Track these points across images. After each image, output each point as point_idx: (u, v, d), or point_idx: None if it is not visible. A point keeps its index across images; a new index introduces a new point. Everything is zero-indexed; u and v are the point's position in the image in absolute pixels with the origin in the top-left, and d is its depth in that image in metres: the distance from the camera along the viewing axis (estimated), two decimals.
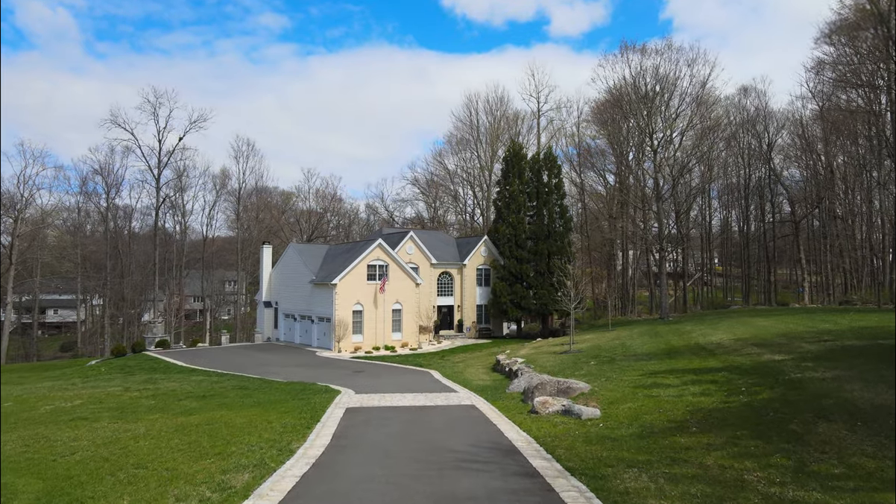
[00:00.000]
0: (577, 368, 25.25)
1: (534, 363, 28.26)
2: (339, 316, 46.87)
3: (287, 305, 54.77)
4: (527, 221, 61.34)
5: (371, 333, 48.58)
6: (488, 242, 61.02)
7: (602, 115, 65.71)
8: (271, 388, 27.19)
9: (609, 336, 39.32)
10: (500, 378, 28.45)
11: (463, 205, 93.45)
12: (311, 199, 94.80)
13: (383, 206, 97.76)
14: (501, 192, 62.22)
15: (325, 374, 35.14)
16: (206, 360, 42.30)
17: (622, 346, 31.52)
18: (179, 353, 47.28)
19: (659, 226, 51.56)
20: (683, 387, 18.75)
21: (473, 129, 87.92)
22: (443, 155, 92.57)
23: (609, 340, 35.79)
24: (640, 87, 49.83)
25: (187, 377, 33.82)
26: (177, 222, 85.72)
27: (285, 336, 54.96)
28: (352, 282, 47.68)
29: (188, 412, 20.02)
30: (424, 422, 18.21)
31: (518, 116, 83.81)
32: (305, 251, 54.08)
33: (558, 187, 61.12)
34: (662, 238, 51.32)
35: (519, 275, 59.14)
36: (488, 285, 61.00)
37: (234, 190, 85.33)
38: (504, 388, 23.30)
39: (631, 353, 28.17)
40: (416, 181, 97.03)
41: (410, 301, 50.76)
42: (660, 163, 49.96)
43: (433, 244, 59.29)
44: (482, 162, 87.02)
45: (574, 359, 28.72)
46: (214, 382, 30.93)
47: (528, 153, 64.92)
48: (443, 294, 58.77)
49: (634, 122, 52.32)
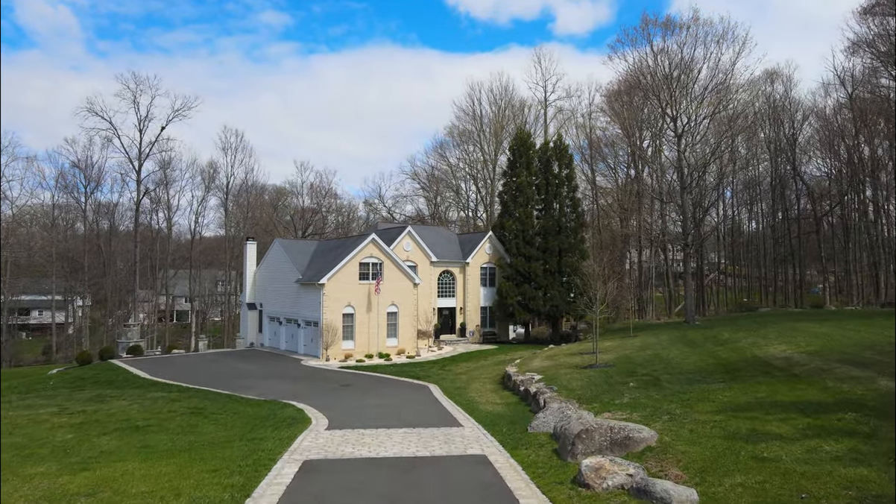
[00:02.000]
0: (616, 394, 19.86)
1: (555, 382, 23.04)
2: (328, 320, 41.80)
3: (272, 308, 49.71)
4: (535, 216, 56.28)
5: (363, 339, 43.51)
6: (493, 238, 55.95)
7: (616, 101, 60.59)
8: (229, 414, 22.09)
9: (634, 344, 34.21)
10: (513, 400, 23.27)
11: (465, 200, 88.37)
12: (304, 195, 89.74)
13: (381, 202, 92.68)
14: (508, 184, 57.15)
15: (305, 389, 30.12)
16: (174, 371, 37.30)
17: (658, 358, 26.40)
18: (150, 362, 42.26)
19: (683, 219, 46.43)
20: (807, 440, 12.56)
21: (476, 121, 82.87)
22: (444, 148, 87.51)
23: (637, 350, 30.65)
24: (662, 65, 44.71)
25: (143, 394, 28.83)
26: (162, 219, 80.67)
27: (270, 341, 49.90)
28: (342, 281, 42.63)
29: (89, 461, 14.77)
30: (413, 498, 11.88)
31: (525, 105, 78.73)
32: (292, 247, 49.01)
33: (569, 178, 56.05)
34: (687, 233, 46.17)
35: (527, 274, 54.03)
36: (493, 285, 55.92)
37: (222, 185, 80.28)
38: (523, 422, 17.82)
39: (675, 368, 23.00)
40: (416, 175, 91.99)
41: (408, 303, 45.69)
42: (684, 150, 44.77)
43: (433, 241, 54.23)
44: (486, 155, 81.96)
45: (604, 376, 23.46)
46: (170, 401, 25.93)
47: (537, 143, 59.85)
48: (444, 295, 53.69)
49: (655, 105, 47.07)
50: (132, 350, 47.65)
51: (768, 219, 79.33)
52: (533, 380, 24.14)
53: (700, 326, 41.30)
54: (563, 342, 53.84)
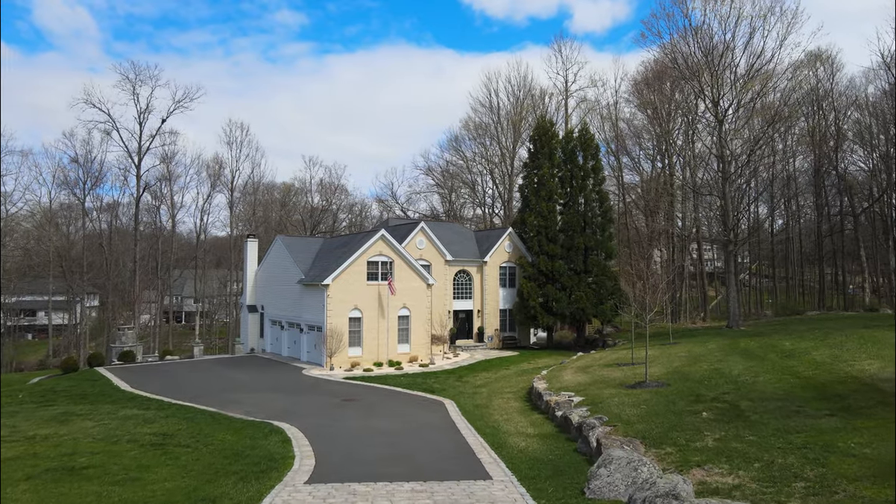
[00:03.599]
0: (690, 430, 15.26)
1: (602, 409, 18.63)
2: (332, 324, 37.83)
3: (273, 310, 45.86)
4: (558, 211, 51.95)
5: (372, 345, 39.49)
6: (513, 235, 51.69)
7: (647, 86, 56.00)
8: (199, 445, 18.07)
9: (679, 354, 29.84)
10: (549, 429, 18.89)
11: (482, 196, 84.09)
12: (313, 191, 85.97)
13: (393, 199, 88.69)
14: (528, 177, 52.86)
15: (302, 405, 26.18)
16: (162, 382, 33.54)
17: (719, 374, 22.08)
18: (138, 371, 38.57)
19: (725, 213, 41.87)
20: None
21: (494, 113, 78.57)
22: (459, 141, 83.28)
23: (687, 362, 26.29)
24: (702, 43, 40.15)
25: (115, 411, 25.02)
26: (165, 216, 77.25)
27: (272, 347, 46.03)
28: (348, 282, 38.65)
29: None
30: None
31: (545, 93, 74.23)
32: (295, 245, 45.10)
33: (596, 170, 51.64)
34: (730, 228, 41.59)
35: (550, 273, 49.73)
36: (514, 286, 51.67)
37: (227, 181, 76.72)
38: (572, 473, 13.07)
39: (751, 391, 18.64)
40: (431, 171, 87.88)
41: (421, 305, 41.61)
42: (726, 136, 40.23)
43: (448, 238, 50.10)
44: (504, 148, 77.67)
45: (664, 401, 18.89)
46: (141, 423, 22.08)
47: (559, 133, 55.52)
48: (460, 297, 49.54)
49: (693, 88, 42.50)
50: (124, 356, 44.02)
51: (806, 215, 74.36)
52: (571, 402, 19.87)
53: (748, 332, 36.81)
54: (588, 348, 49.52)
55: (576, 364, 32.39)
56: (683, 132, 55.25)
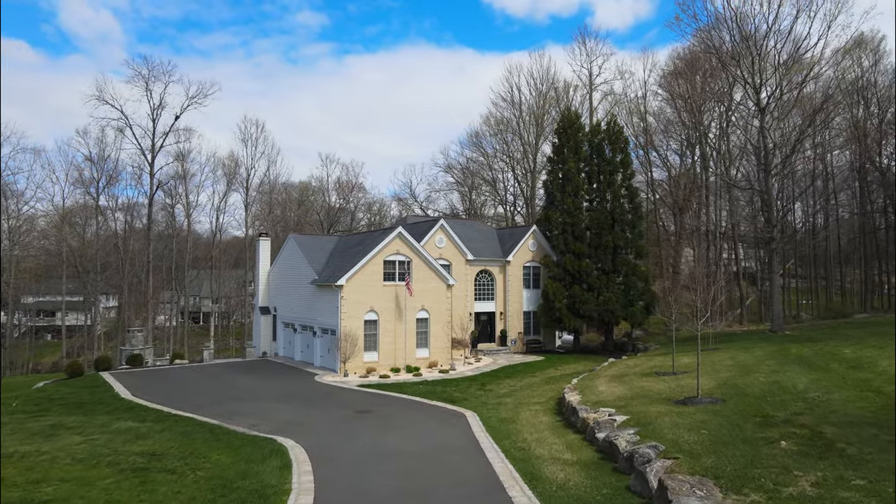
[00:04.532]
0: (782, 474, 12.21)
1: (652, 432, 15.97)
2: (347, 327, 35.62)
3: (286, 312, 43.82)
4: (585, 207, 49.30)
5: (389, 350, 37.22)
6: (537, 234, 49.11)
7: (680, 76, 53.05)
8: (187, 470, 15.90)
9: (723, 361, 27.11)
10: (589, 455, 16.20)
11: (503, 194, 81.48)
12: (330, 189, 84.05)
13: (412, 197, 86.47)
14: (553, 172, 50.27)
15: (312, 417, 24.01)
16: (165, 389, 31.61)
17: (781, 388, 19.41)
18: (143, 376, 36.75)
19: (768, 209, 38.88)
20: None
21: (515, 107, 75.95)
22: (480, 137, 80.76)
23: (739, 373, 23.58)
24: (743, 25, 37.21)
25: (108, 424, 23.04)
26: (180, 215, 75.80)
27: (285, 351, 44.00)
28: (363, 282, 36.43)
29: None
30: None
31: (569, 86, 71.40)
32: (308, 244, 43.01)
33: (625, 164, 48.87)
34: (774, 224, 38.60)
35: (577, 273, 47.08)
36: (538, 287, 49.08)
37: (242, 180, 75.06)
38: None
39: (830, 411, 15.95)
40: (450, 168, 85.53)
41: (440, 307, 39.27)
42: (769, 126, 37.29)
43: (469, 236, 47.69)
44: (526, 144, 74.99)
45: (725, 423, 15.98)
46: (131, 440, 20.05)
47: (585, 125, 52.81)
48: (481, 298, 47.09)
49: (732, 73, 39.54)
50: (132, 360, 42.35)
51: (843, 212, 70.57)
52: (614, 422, 17.31)
53: (796, 337, 33.89)
54: (618, 352, 46.79)
55: (609, 372, 29.78)
56: (718, 124, 52.18)
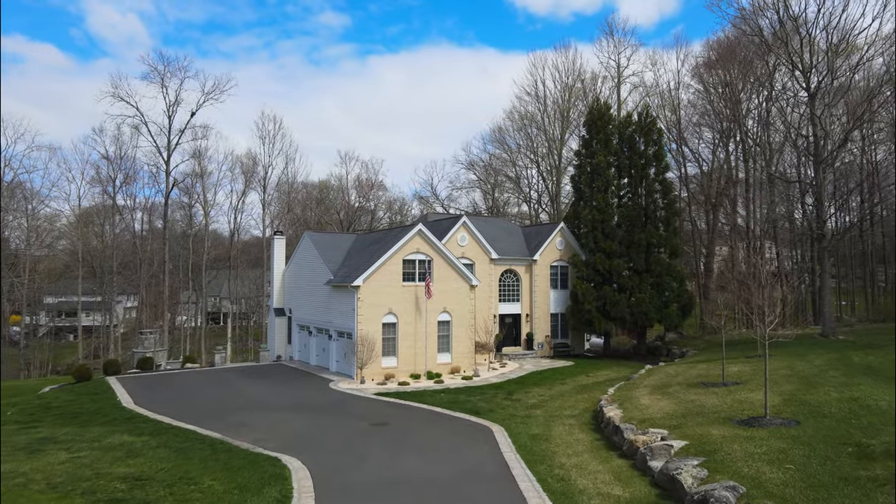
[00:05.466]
0: None
1: (715, 459, 13.46)
2: (364, 330, 33.43)
3: (301, 314, 41.80)
4: (616, 203, 46.62)
5: (409, 355, 34.96)
6: (565, 231, 46.52)
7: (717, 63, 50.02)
8: (173, 500, 13.71)
9: (778, 370, 24.32)
10: (642, 489, 13.49)
11: (527, 191, 78.83)
12: (349, 187, 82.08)
13: (433, 194, 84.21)
14: (581, 167, 47.64)
15: (323, 431, 21.84)
16: (172, 396, 29.73)
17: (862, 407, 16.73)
18: (150, 381, 34.97)
19: (817, 203, 35.87)
20: None
21: (539, 101, 73.27)
22: (503, 133, 78.22)
23: (801, 386, 20.83)
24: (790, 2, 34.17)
25: (102, 437, 21.11)
26: (198, 214, 74.35)
27: (300, 355, 42.00)
28: (381, 283, 34.22)
29: None
30: None
31: (597, 77, 68.55)
32: (324, 242, 40.93)
33: (658, 157, 46.07)
34: (825, 220, 35.62)
35: (608, 273, 44.45)
36: (566, 287, 46.48)
37: (260, 178, 73.40)
38: None
39: None
40: (472, 166, 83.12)
41: (463, 309, 36.91)
42: (820, 114, 34.28)
43: (493, 234, 45.27)
44: (550, 140, 72.29)
45: (815, 455, 12.87)
46: (120, 458, 18.08)
47: (615, 116, 50.06)
48: (506, 299, 44.65)
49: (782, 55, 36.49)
50: (142, 363, 40.70)
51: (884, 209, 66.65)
52: (670, 449, 14.74)
53: (852, 343, 30.94)
54: (651, 357, 44.06)
55: (648, 381, 27.16)
56: (758, 113, 49.07)
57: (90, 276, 72.80)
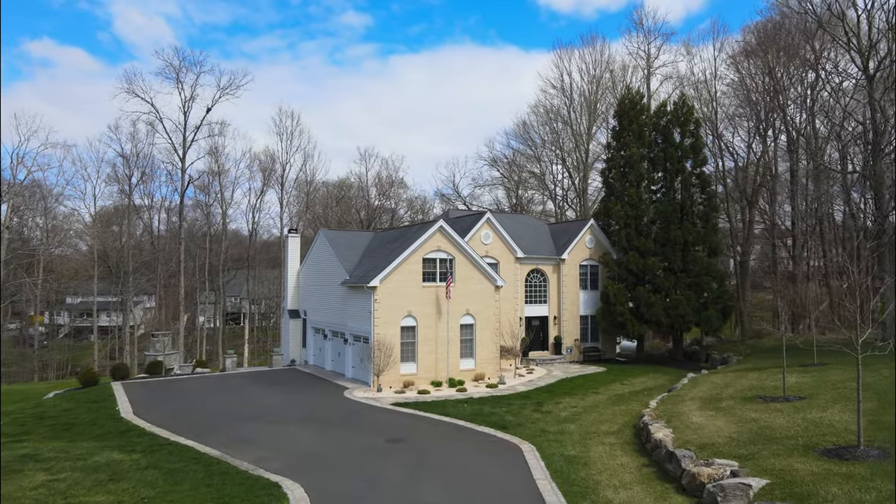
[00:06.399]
0: None
1: None
2: (380, 334, 31.14)
3: (316, 316, 39.69)
4: (650, 198, 43.80)
5: (429, 360, 32.59)
6: (595, 228, 43.80)
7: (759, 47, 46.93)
8: None
9: (845, 382, 21.49)
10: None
11: (553, 187, 76.01)
12: (369, 185, 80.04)
13: (455, 191, 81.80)
14: (613, 160, 44.88)
15: (333, 448, 19.60)
16: (175, 405, 27.73)
17: None
18: (156, 387, 33.10)
19: (876, 194, 32.72)
20: None
21: (565, 94, 70.44)
22: (527, 128, 75.51)
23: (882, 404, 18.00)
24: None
25: (90, 454, 19.12)
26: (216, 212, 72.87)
27: (315, 359, 39.88)
28: (400, 283, 31.91)
29: None
30: None
31: (627, 67, 65.54)
32: (339, 240, 38.74)
33: (695, 149, 43.18)
34: (886, 215, 32.49)
35: (641, 273, 41.70)
36: (596, 288, 43.78)
37: (278, 176, 71.67)
38: None
39: None
40: (496, 162, 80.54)
41: (487, 311, 34.44)
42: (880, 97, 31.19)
43: (519, 232, 42.74)
44: (576, 135, 69.43)
45: None
46: (106, 481, 16.05)
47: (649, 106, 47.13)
48: (533, 300, 42.08)
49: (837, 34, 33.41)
50: (151, 367, 38.90)
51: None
52: (748, 488, 11.95)
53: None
54: (689, 363, 41.23)
55: (695, 392, 24.43)
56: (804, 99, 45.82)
57: (107, 275, 71.76)
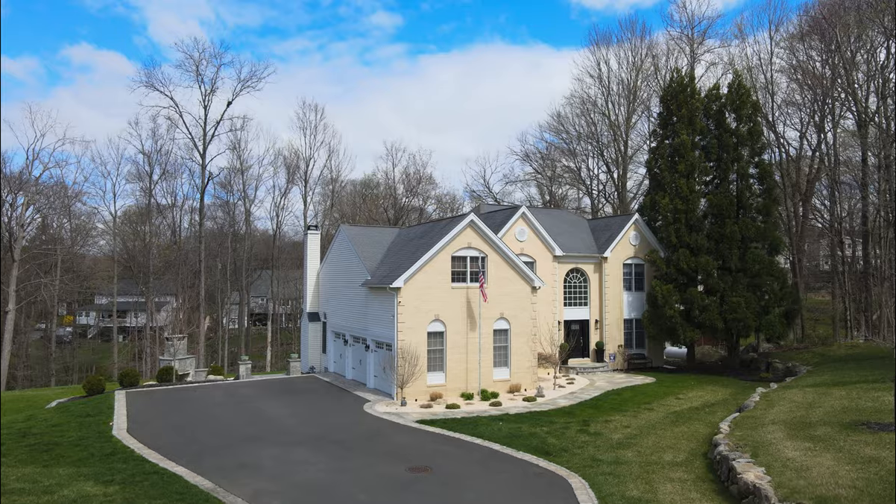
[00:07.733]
0: None
1: None
2: (405, 341, 27.91)
3: (336, 320, 36.68)
4: (702, 190, 39.80)
5: (459, 370, 29.25)
6: (640, 224, 39.99)
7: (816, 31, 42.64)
8: None
9: None
10: None
11: (589, 182, 72.02)
12: (396, 180, 77.09)
13: (485, 186, 78.36)
14: (659, 149, 40.97)
15: (347, 478, 16.48)
16: (175, 420, 24.91)
17: None
18: (160, 397, 30.43)
19: None
20: None
21: (603, 83, 66.47)
22: (562, 120, 71.66)
23: None
24: None
25: (63, 485, 16.30)
26: (239, 211, 70.65)
27: (335, 366, 36.86)
28: (426, 284, 28.64)
29: None
30: None
31: (671, 51, 61.26)
32: (361, 237, 35.61)
33: (753, 136, 39.03)
34: None
35: (693, 273, 37.79)
36: (641, 289, 39.97)
37: (302, 173, 69.14)
38: None
39: None
40: (528, 157, 76.87)
41: (523, 315, 30.94)
42: None
43: (556, 228, 39.18)
44: (614, 126, 65.39)
45: None
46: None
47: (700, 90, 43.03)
48: (572, 303, 38.45)
49: None
50: (162, 374, 36.36)
51: None
52: None
53: None
54: (746, 372, 37.15)
55: (774, 413, 20.65)
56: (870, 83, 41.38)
57: (128, 275, 70.09)
